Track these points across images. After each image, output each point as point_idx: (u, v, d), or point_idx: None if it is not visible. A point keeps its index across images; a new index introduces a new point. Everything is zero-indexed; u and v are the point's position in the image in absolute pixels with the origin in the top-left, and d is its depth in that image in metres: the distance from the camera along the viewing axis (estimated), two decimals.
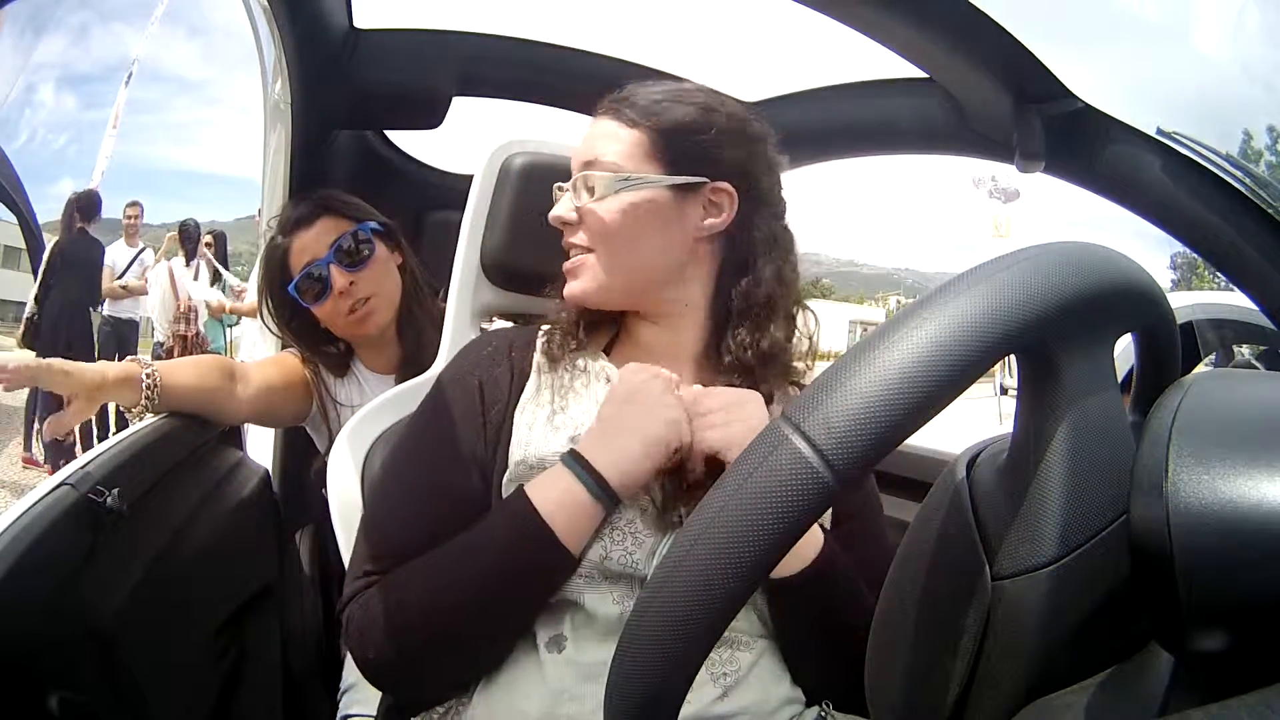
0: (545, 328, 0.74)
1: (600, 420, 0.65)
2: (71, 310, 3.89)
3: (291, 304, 1.15)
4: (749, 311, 0.69)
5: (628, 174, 0.68)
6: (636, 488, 0.63)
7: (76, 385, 0.91)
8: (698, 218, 0.69)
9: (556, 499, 0.62)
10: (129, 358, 1.00)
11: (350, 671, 1.07)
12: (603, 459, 0.62)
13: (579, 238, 0.70)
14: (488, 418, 0.70)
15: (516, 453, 0.67)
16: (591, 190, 0.69)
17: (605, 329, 0.76)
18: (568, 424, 0.68)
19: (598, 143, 0.70)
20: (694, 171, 0.68)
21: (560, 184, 0.73)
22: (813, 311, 0.76)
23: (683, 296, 0.71)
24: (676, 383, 0.66)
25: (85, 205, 4.05)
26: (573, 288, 0.71)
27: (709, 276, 0.72)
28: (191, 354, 4.34)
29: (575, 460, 0.62)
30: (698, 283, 0.71)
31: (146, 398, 0.96)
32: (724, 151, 0.69)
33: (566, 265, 0.72)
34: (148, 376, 0.95)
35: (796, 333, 0.73)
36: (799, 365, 0.75)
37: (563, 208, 0.71)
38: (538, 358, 0.73)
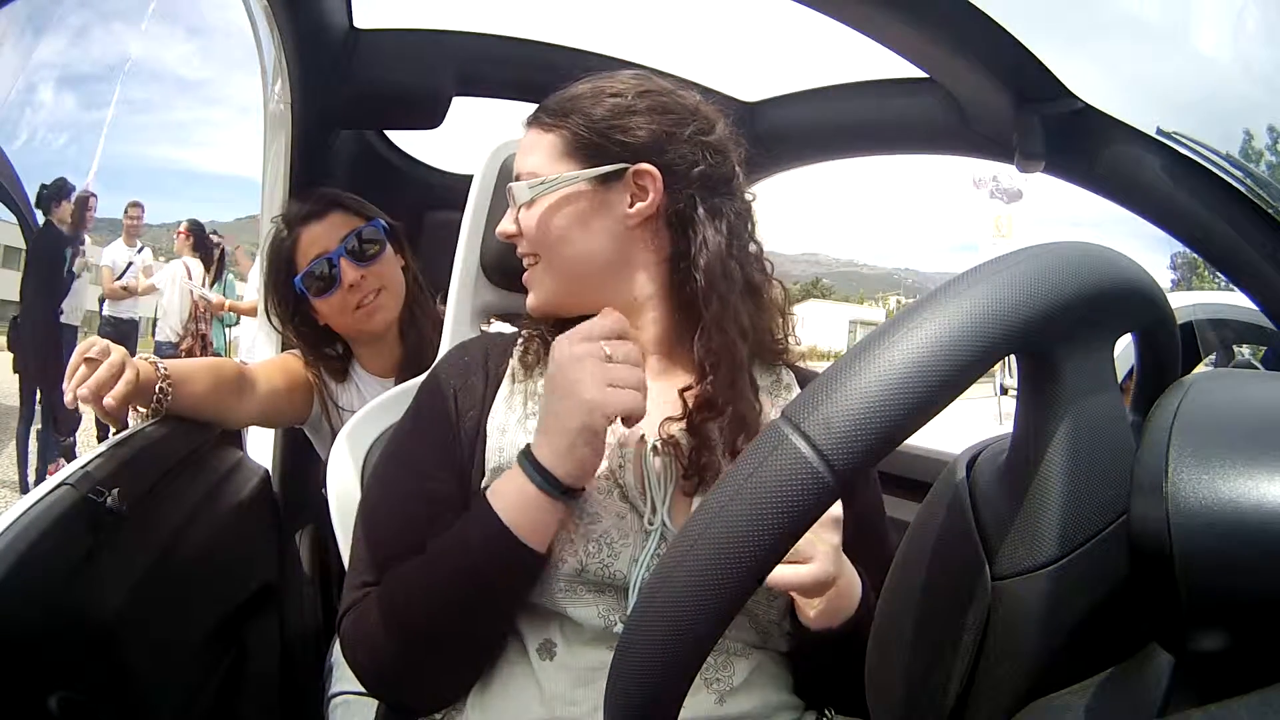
0: (522, 335, 0.74)
1: (542, 411, 0.64)
2: (33, 305, 3.78)
3: (295, 299, 1.15)
4: (697, 291, 0.67)
5: (542, 178, 0.68)
6: (588, 476, 0.62)
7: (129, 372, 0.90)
8: (625, 205, 0.68)
9: (515, 500, 0.61)
10: (141, 357, 0.98)
11: (333, 651, 1.07)
12: (546, 454, 0.60)
13: (524, 247, 0.72)
14: (462, 425, 0.69)
15: (492, 459, 0.67)
16: (520, 202, 0.70)
17: None
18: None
19: (522, 156, 0.72)
20: (612, 160, 0.67)
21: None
22: (781, 283, 0.74)
23: (634, 290, 0.70)
24: (613, 335, 0.62)
25: (49, 194, 3.83)
26: (530, 300, 0.72)
27: (657, 264, 0.70)
28: (206, 353, 4.34)
29: (527, 458, 0.61)
30: (646, 272, 0.70)
31: (154, 409, 0.95)
32: (639, 133, 0.68)
33: (523, 278, 0.73)
34: (159, 390, 0.94)
35: (771, 308, 0.72)
36: (781, 340, 0.73)
37: (505, 222, 0.73)
38: (513, 364, 0.72)
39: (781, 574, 0.56)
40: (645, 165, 0.67)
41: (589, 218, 0.68)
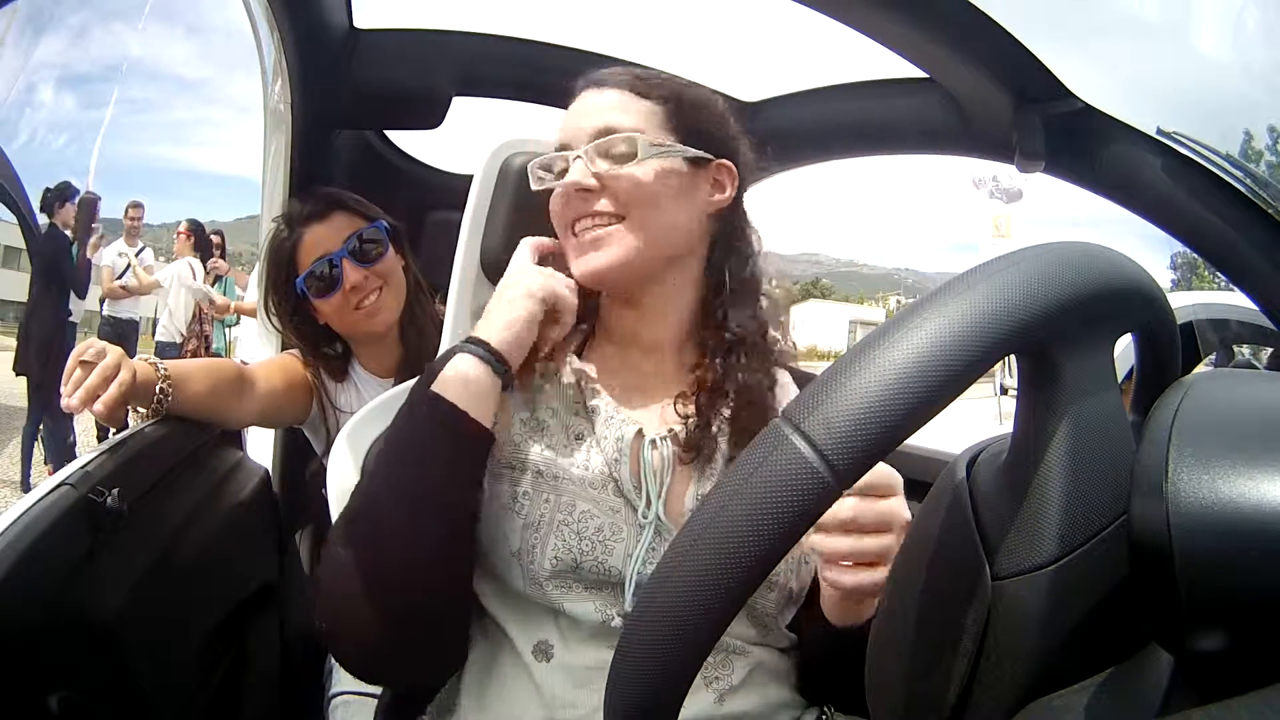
0: None
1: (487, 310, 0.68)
2: (37, 307, 3.81)
3: (296, 299, 1.15)
4: (743, 285, 0.71)
5: (655, 139, 0.66)
6: (515, 345, 0.65)
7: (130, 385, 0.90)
8: (707, 193, 0.71)
9: (449, 374, 0.63)
10: (142, 358, 0.98)
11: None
12: (481, 326, 0.66)
13: (601, 204, 0.66)
14: None
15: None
16: (616, 156, 0.66)
17: (576, 331, 0.74)
18: (534, 424, 0.68)
19: (609, 112, 0.68)
20: (705, 148, 0.70)
21: (545, 162, 0.70)
22: (786, 287, 0.78)
23: (681, 274, 0.71)
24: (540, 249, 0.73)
25: (53, 196, 3.88)
26: (597, 260, 0.66)
27: (700, 258, 0.72)
28: (208, 353, 4.35)
29: (465, 339, 0.65)
30: (696, 261, 0.72)
31: (154, 410, 0.95)
32: (724, 130, 0.72)
33: (589, 237, 0.67)
34: (160, 391, 0.94)
35: (771, 310, 0.74)
36: (777, 341, 0.74)
37: (579, 173, 0.66)
38: None
39: (858, 578, 0.55)
40: (727, 162, 0.71)
41: (684, 193, 0.69)
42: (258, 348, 1.46)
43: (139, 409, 0.97)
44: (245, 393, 1.08)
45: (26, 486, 3.80)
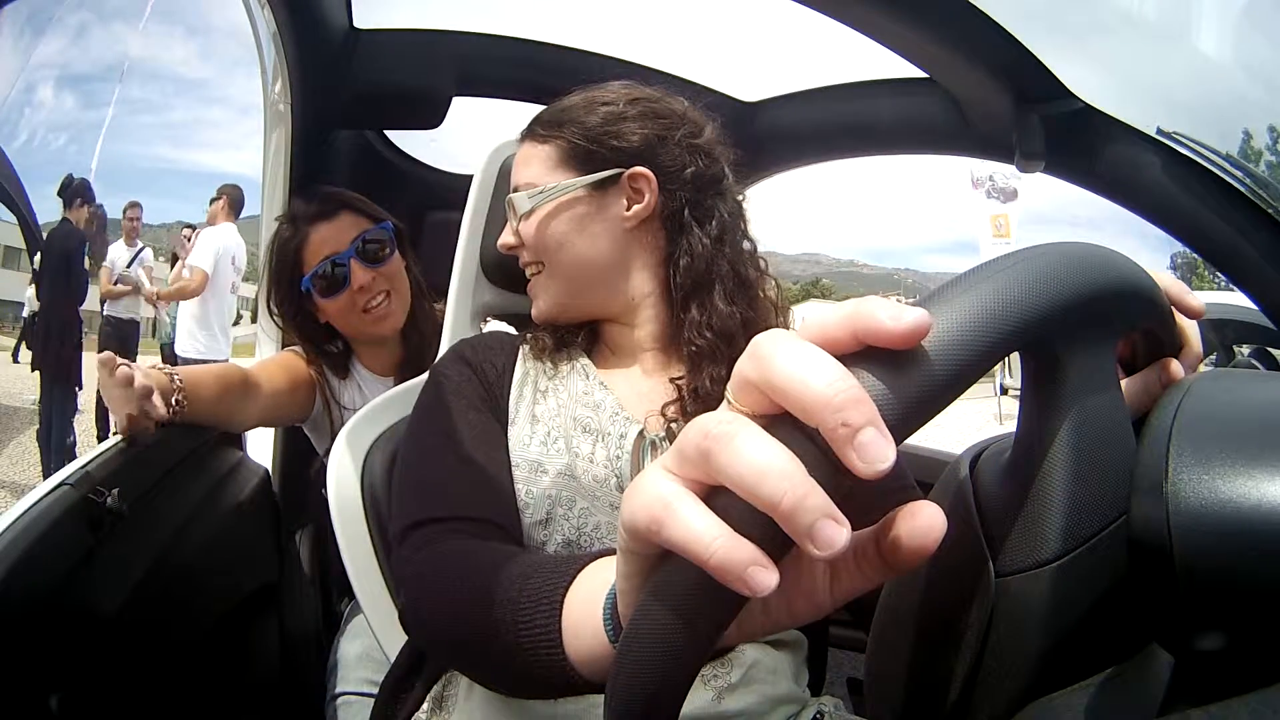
0: (529, 336, 0.76)
1: None
2: (49, 303, 3.74)
3: (299, 298, 1.15)
4: (692, 288, 0.69)
5: (540, 187, 0.70)
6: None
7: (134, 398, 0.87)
8: (622, 208, 0.70)
9: (585, 593, 0.41)
10: (155, 366, 0.96)
11: (335, 651, 1.07)
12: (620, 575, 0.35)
13: (526, 257, 0.73)
14: (488, 389, 0.71)
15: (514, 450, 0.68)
16: (522, 213, 0.72)
17: (584, 336, 0.76)
18: (546, 414, 0.69)
19: (518, 169, 0.74)
20: (607, 165, 0.70)
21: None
22: (775, 279, 0.75)
23: (633, 290, 0.72)
24: None
25: (74, 191, 3.87)
26: (536, 309, 0.74)
27: (655, 264, 0.72)
28: None
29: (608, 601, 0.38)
30: (645, 272, 0.72)
31: (170, 418, 0.95)
32: (633, 138, 0.70)
33: (528, 289, 0.75)
34: (178, 404, 0.93)
35: (765, 304, 0.72)
36: None
37: (505, 235, 0.75)
38: (523, 351, 0.74)
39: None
40: (640, 169, 0.69)
41: (588, 222, 0.70)
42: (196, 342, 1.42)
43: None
44: (251, 395, 1.08)
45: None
